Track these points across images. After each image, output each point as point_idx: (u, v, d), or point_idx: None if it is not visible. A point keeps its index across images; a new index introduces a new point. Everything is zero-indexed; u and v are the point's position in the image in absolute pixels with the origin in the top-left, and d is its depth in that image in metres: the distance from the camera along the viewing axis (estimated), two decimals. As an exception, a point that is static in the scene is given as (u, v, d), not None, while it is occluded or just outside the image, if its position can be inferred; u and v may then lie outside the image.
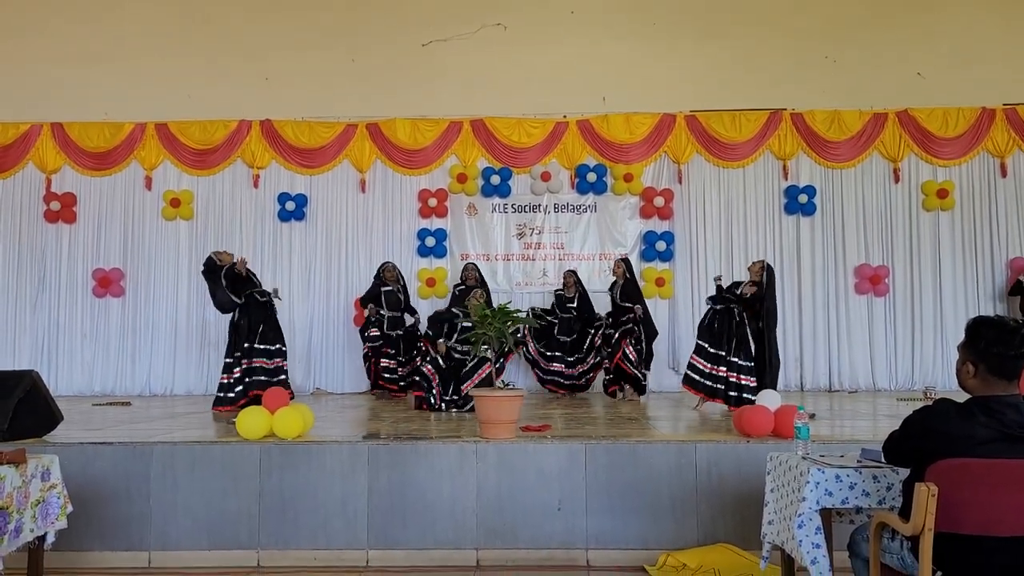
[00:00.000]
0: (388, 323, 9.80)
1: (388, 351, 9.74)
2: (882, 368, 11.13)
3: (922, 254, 11.23)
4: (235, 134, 11.51)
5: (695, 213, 11.43)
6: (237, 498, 4.88)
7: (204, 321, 11.28)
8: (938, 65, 11.32)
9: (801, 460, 3.39)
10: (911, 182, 11.33)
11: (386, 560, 4.78)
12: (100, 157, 11.48)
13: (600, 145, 11.41)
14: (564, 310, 10.11)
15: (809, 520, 3.18)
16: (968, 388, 2.77)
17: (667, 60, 11.51)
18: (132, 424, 6.84)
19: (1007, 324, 2.71)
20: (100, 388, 11.16)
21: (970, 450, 2.60)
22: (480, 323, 5.52)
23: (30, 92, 11.45)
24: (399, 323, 9.91)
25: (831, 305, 11.22)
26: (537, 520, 4.82)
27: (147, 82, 11.45)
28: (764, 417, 5.17)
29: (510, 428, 5.18)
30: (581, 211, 11.52)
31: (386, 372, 9.74)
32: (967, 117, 11.23)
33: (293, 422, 5.20)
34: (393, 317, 9.85)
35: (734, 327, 7.89)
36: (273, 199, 11.48)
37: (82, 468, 4.80)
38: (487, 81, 11.41)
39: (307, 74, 11.47)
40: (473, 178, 11.43)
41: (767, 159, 11.43)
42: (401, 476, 4.89)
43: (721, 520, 4.81)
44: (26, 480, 3.62)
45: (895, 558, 2.82)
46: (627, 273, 9.56)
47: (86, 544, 4.74)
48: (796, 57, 11.43)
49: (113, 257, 11.45)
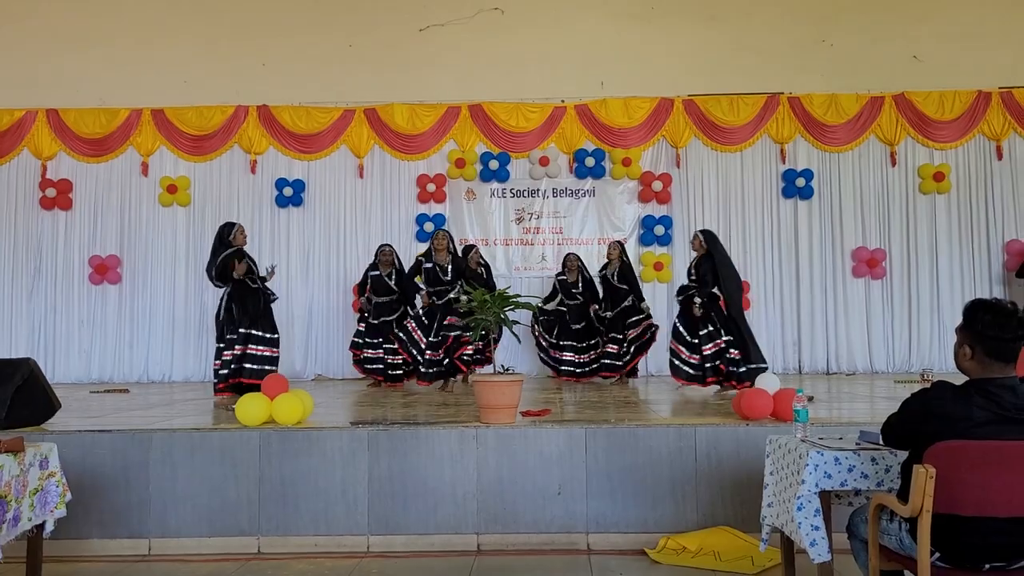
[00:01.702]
0: (376, 310, 9.26)
1: (371, 340, 9.22)
2: (880, 351, 11.16)
3: (919, 237, 11.25)
4: (232, 120, 11.47)
5: (693, 197, 11.44)
6: (237, 485, 4.88)
7: (202, 307, 11.28)
8: (935, 48, 11.31)
9: (800, 443, 3.39)
10: (908, 165, 11.33)
11: (387, 546, 4.79)
12: (96, 143, 11.44)
13: (598, 129, 11.39)
14: (570, 296, 9.74)
15: (808, 502, 3.19)
16: (965, 370, 2.78)
17: (665, 44, 11.47)
18: (130, 411, 6.84)
19: (1005, 307, 2.72)
20: (98, 376, 11.17)
21: (968, 432, 2.61)
22: (479, 308, 5.51)
23: (25, 78, 11.40)
24: (389, 309, 9.27)
25: (828, 288, 11.25)
26: (537, 504, 4.84)
27: (143, 67, 11.41)
28: (763, 400, 5.18)
29: (510, 413, 5.18)
30: (579, 196, 11.51)
31: (368, 363, 9.31)
32: (963, 100, 11.22)
33: (293, 408, 5.20)
34: (381, 304, 9.26)
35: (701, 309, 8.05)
36: (271, 185, 11.46)
37: (81, 456, 4.80)
38: (485, 66, 11.37)
39: (304, 59, 11.43)
40: (471, 163, 11.41)
41: (764, 143, 11.42)
42: (401, 461, 4.89)
43: (721, 503, 4.82)
44: (24, 468, 3.62)
45: (893, 539, 2.83)
46: (623, 256, 9.55)
47: (85, 532, 4.74)
48: (793, 41, 11.41)
49: (110, 244, 11.43)
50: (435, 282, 8.47)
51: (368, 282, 9.36)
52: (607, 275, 9.49)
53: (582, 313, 9.67)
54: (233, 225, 8.09)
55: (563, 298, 9.79)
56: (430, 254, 8.67)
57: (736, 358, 7.82)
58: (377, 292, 9.25)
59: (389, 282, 9.23)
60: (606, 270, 9.56)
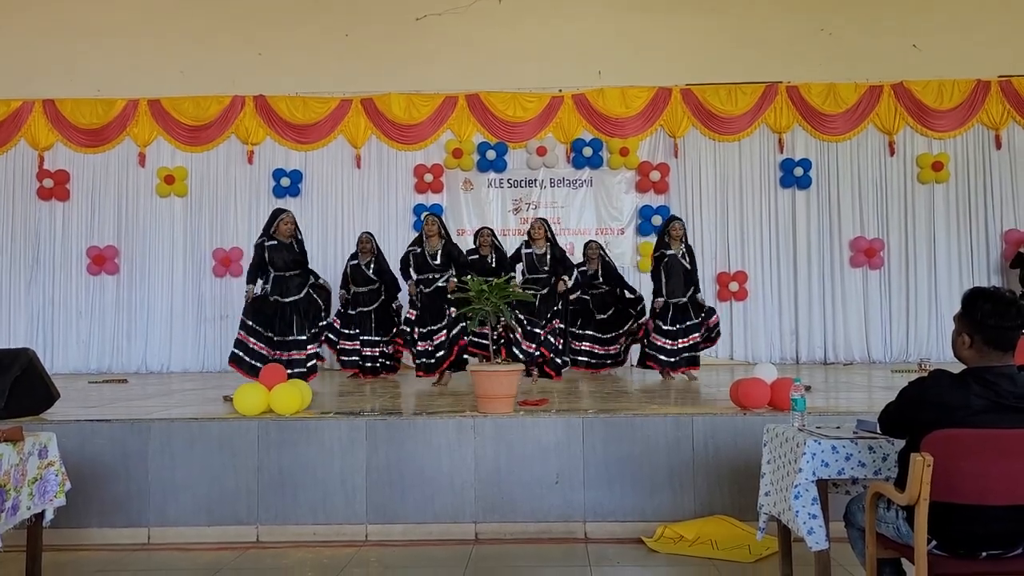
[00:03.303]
0: (353, 300, 8.86)
1: (348, 332, 8.80)
2: (877, 340, 11.19)
3: (917, 227, 11.26)
4: (229, 110, 11.44)
5: (691, 187, 11.43)
6: (236, 474, 4.89)
7: (200, 298, 11.30)
8: (934, 37, 11.29)
9: (797, 432, 3.40)
10: (906, 155, 11.33)
11: (385, 534, 4.80)
12: (93, 134, 11.42)
13: (596, 119, 11.37)
14: (593, 287, 9.12)
15: (805, 491, 3.20)
16: (963, 359, 2.78)
17: (662, 33, 11.44)
18: (129, 401, 6.84)
19: (1003, 296, 2.72)
20: (96, 366, 11.18)
21: (965, 420, 2.61)
22: (477, 298, 5.50)
23: (21, 68, 11.38)
24: (367, 300, 8.81)
25: (826, 278, 11.26)
26: (535, 493, 4.85)
27: (139, 57, 11.37)
28: (760, 390, 5.18)
29: (508, 402, 5.19)
30: (577, 186, 11.50)
31: (344, 355, 8.88)
32: (962, 89, 11.22)
33: (291, 398, 5.20)
34: (359, 293, 8.84)
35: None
36: (268, 175, 11.45)
37: (80, 446, 4.80)
38: (482, 55, 11.34)
39: (301, 49, 11.39)
40: (469, 153, 11.39)
41: (763, 132, 11.41)
42: (399, 451, 4.90)
43: (718, 492, 4.84)
44: (23, 458, 3.62)
45: (891, 527, 2.83)
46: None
47: (85, 521, 4.75)
48: (792, 30, 11.38)
49: (107, 234, 11.42)
50: (423, 269, 8.10)
51: (347, 272, 8.96)
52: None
53: (606, 302, 9.12)
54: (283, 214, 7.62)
55: (584, 288, 9.17)
56: (421, 240, 8.33)
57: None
58: (356, 282, 8.83)
59: (367, 271, 8.80)
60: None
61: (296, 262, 7.40)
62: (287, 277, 7.35)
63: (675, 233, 8.37)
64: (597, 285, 9.13)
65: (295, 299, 7.35)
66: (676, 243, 8.36)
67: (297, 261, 7.41)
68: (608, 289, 9.10)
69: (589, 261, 9.20)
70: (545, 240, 8.25)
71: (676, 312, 8.29)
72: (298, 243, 7.47)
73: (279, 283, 7.33)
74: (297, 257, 7.41)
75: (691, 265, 8.40)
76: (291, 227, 7.44)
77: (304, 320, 7.31)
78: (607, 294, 9.11)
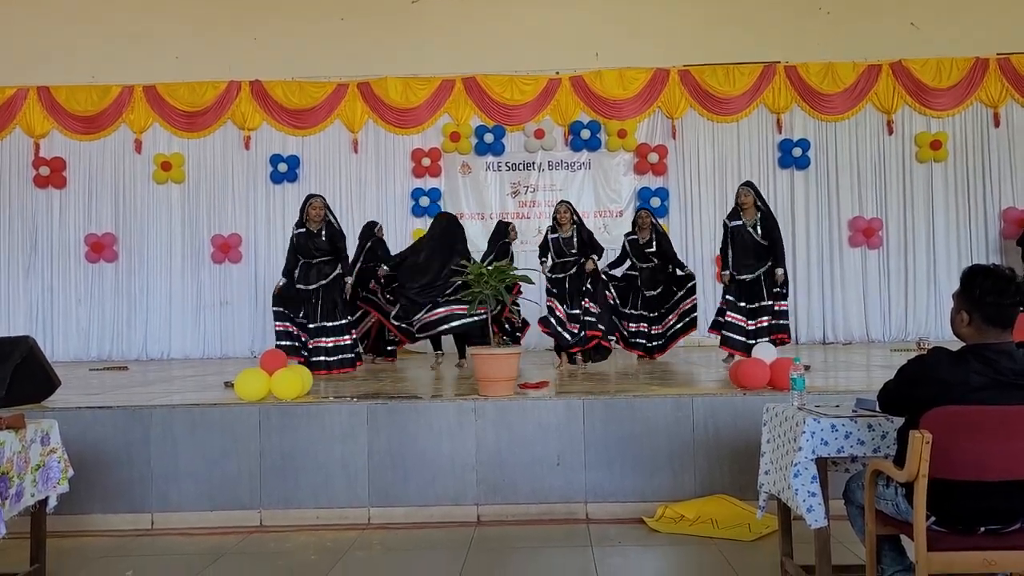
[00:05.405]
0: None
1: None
2: (876, 320, 11.20)
3: (916, 206, 11.25)
4: (225, 95, 11.40)
5: (689, 168, 11.41)
6: (238, 459, 4.91)
7: (199, 284, 11.30)
8: (932, 15, 11.25)
9: (797, 411, 3.41)
10: (905, 134, 11.30)
11: (387, 518, 4.82)
12: (88, 121, 11.38)
13: (593, 101, 11.33)
14: (643, 258, 8.27)
15: (805, 469, 3.21)
16: (962, 336, 2.79)
17: (660, 14, 11.38)
18: (130, 388, 6.86)
19: (1003, 273, 2.72)
20: (96, 353, 11.19)
21: (964, 397, 2.62)
22: (476, 281, 5.51)
23: (15, 55, 11.32)
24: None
25: (825, 258, 11.26)
26: (536, 475, 4.87)
27: (134, 43, 11.32)
28: (760, 369, 5.19)
29: (508, 385, 5.20)
30: (575, 168, 11.48)
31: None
32: (960, 67, 11.18)
33: (292, 383, 5.21)
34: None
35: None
36: (265, 161, 11.42)
37: (82, 433, 4.81)
38: (478, 38, 11.29)
39: (296, 33, 11.33)
40: (466, 137, 11.36)
41: (761, 113, 11.38)
42: (400, 435, 4.92)
43: (718, 472, 4.86)
44: (25, 445, 3.63)
45: (890, 504, 2.85)
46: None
47: (88, 507, 4.77)
48: (790, 9, 11.34)
49: (105, 222, 11.40)
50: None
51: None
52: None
53: (656, 279, 8.28)
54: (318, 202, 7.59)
55: (635, 261, 8.36)
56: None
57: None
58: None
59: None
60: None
61: (321, 249, 7.47)
62: (313, 264, 7.48)
63: (742, 201, 7.68)
64: (648, 256, 8.24)
65: (318, 286, 7.46)
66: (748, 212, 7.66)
67: (322, 249, 7.47)
68: (658, 264, 8.25)
69: (640, 230, 8.29)
70: (571, 223, 7.81)
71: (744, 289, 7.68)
72: (329, 228, 7.52)
73: (304, 271, 7.49)
74: (321, 245, 7.47)
75: (765, 238, 7.59)
76: (320, 212, 7.49)
77: (331, 307, 7.46)
78: (657, 270, 8.28)
